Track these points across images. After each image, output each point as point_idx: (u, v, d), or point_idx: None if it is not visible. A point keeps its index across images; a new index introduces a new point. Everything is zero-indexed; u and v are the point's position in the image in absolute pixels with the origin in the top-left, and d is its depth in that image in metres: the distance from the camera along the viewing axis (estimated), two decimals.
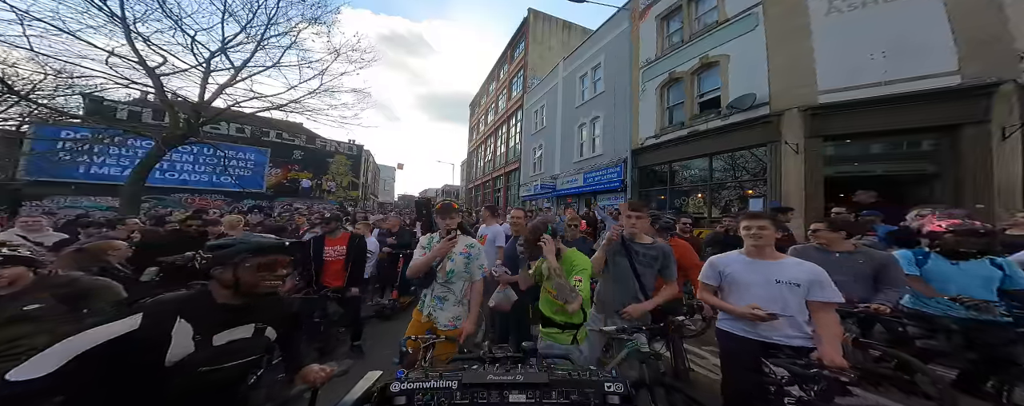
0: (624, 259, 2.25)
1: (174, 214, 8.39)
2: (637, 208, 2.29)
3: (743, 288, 1.93)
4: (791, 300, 1.80)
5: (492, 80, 28.83)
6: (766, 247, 1.93)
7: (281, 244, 1.28)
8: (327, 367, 1.34)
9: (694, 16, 9.72)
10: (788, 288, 1.81)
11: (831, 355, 1.63)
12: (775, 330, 1.82)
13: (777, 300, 1.81)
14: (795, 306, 1.80)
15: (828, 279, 1.80)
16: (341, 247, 3.47)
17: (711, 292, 2.07)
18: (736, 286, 1.96)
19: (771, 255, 1.93)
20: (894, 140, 6.44)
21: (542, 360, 1.44)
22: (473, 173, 33.04)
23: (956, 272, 2.35)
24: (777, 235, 1.97)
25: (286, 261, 1.26)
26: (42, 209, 13.22)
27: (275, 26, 9.22)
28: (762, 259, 1.93)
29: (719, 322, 2.07)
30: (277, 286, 1.23)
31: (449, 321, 2.19)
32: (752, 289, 1.89)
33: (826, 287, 1.77)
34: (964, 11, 5.62)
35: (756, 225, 1.93)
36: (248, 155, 22.63)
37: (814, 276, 1.81)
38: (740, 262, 1.99)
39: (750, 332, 1.89)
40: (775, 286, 1.83)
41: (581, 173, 13.82)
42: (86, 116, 10.73)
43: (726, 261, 2.04)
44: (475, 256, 2.31)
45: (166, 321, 1.07)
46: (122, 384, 1.01)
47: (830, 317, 1.77)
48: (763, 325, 1.83)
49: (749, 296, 1.88)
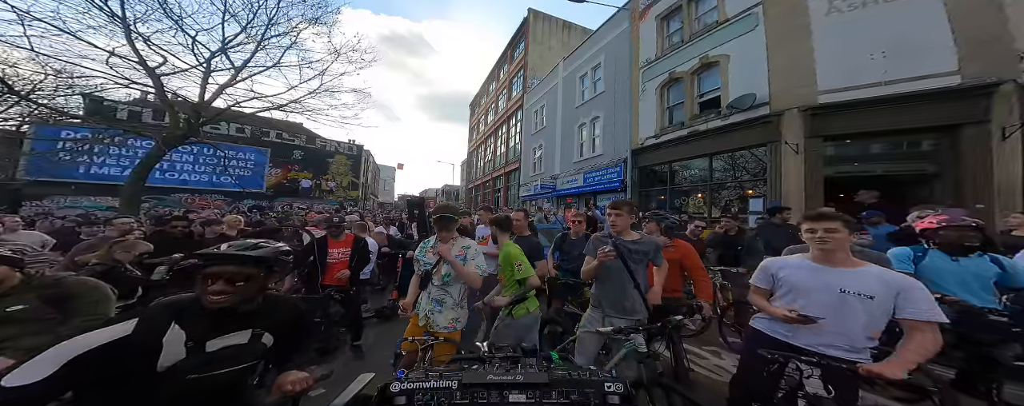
0: (618, 260, 2.26)
1: (174, 214, 8.38)
2: (618, 206, 2.33)
3: (799, 294, 1.73)
4: (858, 313, 1.57)
5: (492, 80, 28.83)
6: (837, 252, 1.67)
7: (233, 256, 1.16)
8: (306, 374, 1.23)
9: (694, 16, 9.72)
10: (856, 299, 1.57)
11: (879, 368, 1.41)
12: (816, 338, 1.64)
13: (837, 311, 1.59)
14: (862, 320, 1.56)
15: (922, 294, 1.50)
16: (345, 249, 3.49)
17: (764, 296, 1.90)
18: (792, 291, 1.76)
19: (843, 262, 1.67)
20: (894, 140, 6.44)
21: (542, 360, 1.44)
22: (473, 173, 33.03)
23: (954, 268, 2.35)
24: (853, 238, 1.73)
25: (230, 274, 1.14)
26: (42, 209, 13.22)
27: (275, 26, 9.25)
28: (831, 266, 1.68)
29: (755, 320, 1.95)
30: (218, 301, 1.12)
31: (448, 323, 2.19)
32: (810, 296, 1.68)
33: (916, 302, 1.48)
34: (964, 11, 5.62)
35: (822, 227, 1.66)
36: (248, 155, 22.65)
37: (899, 289, 1.52)
38: (803, 267, 1.77)
39: (788, 337, 1.73)
40: (838, 296, 1.60)
41: (581, 173, 13.82)
42: (86, 116, 10.73)
43: (783, 264, 1.86)
44: (471, 257, 2.29)
45: (160, 327, 1.06)
46: (114, 389, 1.00)
47: (920, 338, 1.46)
48: (803, 331, 1.67)
49: (803, 303, 1.69)
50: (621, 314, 2.23)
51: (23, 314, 1.54)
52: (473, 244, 2.39)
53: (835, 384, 1.55)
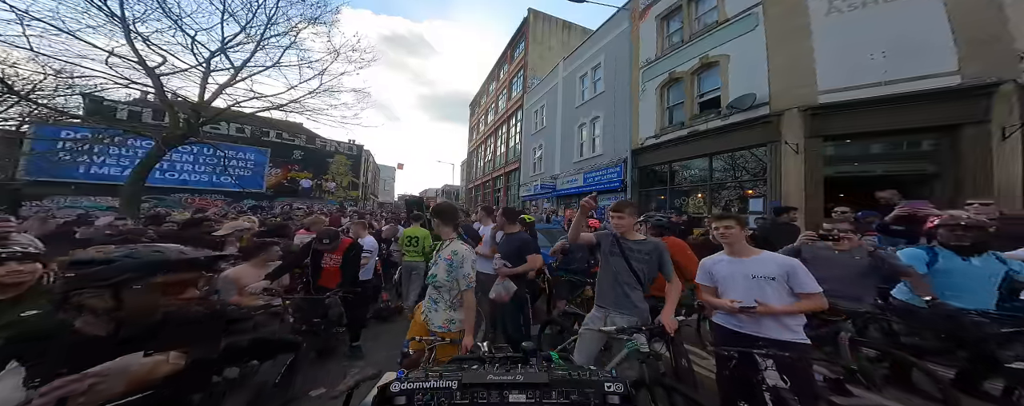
0: (620, 258, 2.28)
1: (174, 214, 8.38)
2: (619, 209, 2.36)
3: (728, 285, 2.05)
4: (770, 294, 1.90)
5: (492, 80, 28.83)
6: (735, 244, 2.05)
7: (190, 260, 1.06)
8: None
9: (694, 16, 9.72)
10: (765, 282, 1.92)
11: (773, 308, 1.83)
12: (758, 324, 1.93)
13: (755, 294, 1.91)
14: (775, 299, 1.89)
15: (801, 270, 1.89)
16: (337, 256, 3.46)
17: (711, 293, 2.15)
18: (723, 284, 2.08)
19: (744, 252, 2.06)
20: (894, 140, 6.44)
21: (542, 360, 1.44)
22: (473, 173, 33.04)
23: (965, 268, 2.35)
24: (746, 233, 2.09)
25: (194, 279, 1.05)
26: (42, 209, 13.21)
27: (275, 26, 9.22)
28: (738, 257, 2.06)
29: (715, 317, 2.18)
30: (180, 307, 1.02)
31: (442, 323, 2.18)
32: (735, 285, 2.01)
33: (800, 279, 1.87)
34: (964, 11, 5.62)
35: (722, 225, 2.08)
36: (248, 155, 22.66)
37: (787, 268, 1.91)
38: (723, 261, 2.11)
39: (737, 327, 2.01)
40: (752, 281, 1.95)
41: (581, 173, 13.82)
42: (86, 116, 10.74)
43: (713, 261, 2.16)
44: (458, 264, 2.14)
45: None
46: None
47: (808, 302, 1.87)
48: (747, 320, 1.96)
49: (732, 292, 2.00)
50: (623, 313, 2.23)
51: (38, 320, 1.44)
52: (463, 250, 2.18)
53: (789, 373, 1.76)
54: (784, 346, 1.81)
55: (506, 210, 3.47)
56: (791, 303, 1.89)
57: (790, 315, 1.87)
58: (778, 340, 1.85)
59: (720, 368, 2.12)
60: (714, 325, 2.17)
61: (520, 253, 3.21)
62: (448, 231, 2.31)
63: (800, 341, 1.86)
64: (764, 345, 1.85)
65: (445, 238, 2.32)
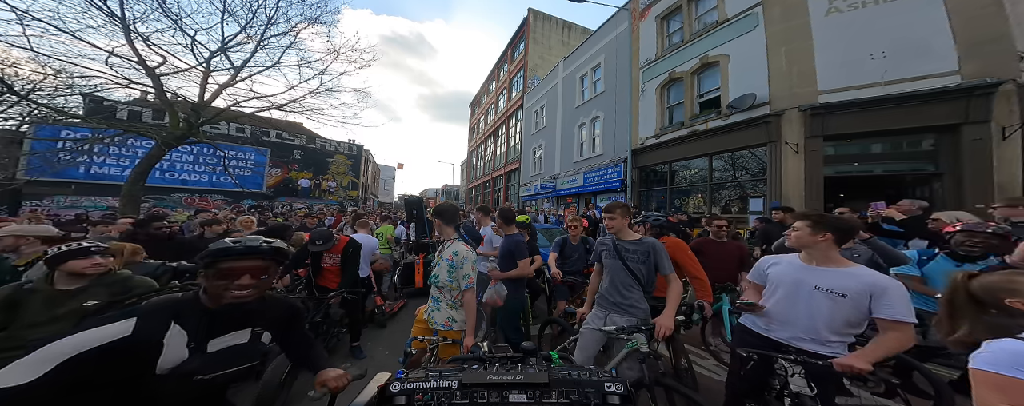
0: (617, 260, 2.30)
1: (174, 214, 8.38)
2: (610, 210, 2.36)
3: (773, 287, 1.82)
4: (825, 310, 1.62)
5: (492, 80, 28.83)
6: (822, 252, 1.71)
7: (247, 248, 1.12)
8: (343, 371, 1.27)
9: (694, 16, 9.72)
10: (826, 296, 1.62)
11: (849, 361, 1.48)
12: (785, 331, 1.73)
13: (802, 305, 1.67)
14: (826, 315, 1.62)
15: (898, 293, 1.51)
16: (336, 255, 3.46)
17: (755, 292, 1.98)
18: (770, 284, 1.86)
19: (829, 261, 1.70)
20: (894, 140, 6.44)
21: (542, 360, 1.44)
22: (473, 173, 33.03)
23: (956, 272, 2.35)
24: (819, 238, 1.69)
25: (254, 268, 1.12)
26: (42, 209, 13.22)
27: (275, 26, 9.19)
28: (813, 264, 1.73)
29: (742, 318, 2.04)
30: (245, 296, 1.11)
31: (444, 322, 2.18)
32: (779, 289, 1.78)
33: (891, 303, 1.49)
34: (964, 11, 5.63)
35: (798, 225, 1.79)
36: (248, 155, 22.63)
37: (876, 288, 1.53)
38: (785, 263, 1.84)
39: (763, 330, 1.83)
40: (811, 292, 1.66)
41: (581, 173, 13.82)
42: (86, 116, 10.71)
43: (775, 260, 1.91)
44: (458, 265, 2.15)
45: (160, 327, 1.01)
46: (108, 392, 0.96)
47: (889, 336, 1.50)
48: (774, 325, 1.78)
49: (773, 295, 1.80)
50: (623, 313, 2.23)
51: (96, 310, 1.58)
52: (463, 251, 2.17)
53: (817, 382, 1.61)
54: (816, 358, 1.61)
55: (501, 211, 3.37)
56: (845, 327, 1.61)
57: (874, 358, 1.48)
58: (810, 352, 1.65)
59: (733, 368, 2.05)
60: (739, 326, 2.02)
61: (511, 256, 3.04)
62: (449, 231, 2.30)
63: (834, 355, 1.61)
64: (794, 352, 1.68)
65: (446, 239, 2.31)
